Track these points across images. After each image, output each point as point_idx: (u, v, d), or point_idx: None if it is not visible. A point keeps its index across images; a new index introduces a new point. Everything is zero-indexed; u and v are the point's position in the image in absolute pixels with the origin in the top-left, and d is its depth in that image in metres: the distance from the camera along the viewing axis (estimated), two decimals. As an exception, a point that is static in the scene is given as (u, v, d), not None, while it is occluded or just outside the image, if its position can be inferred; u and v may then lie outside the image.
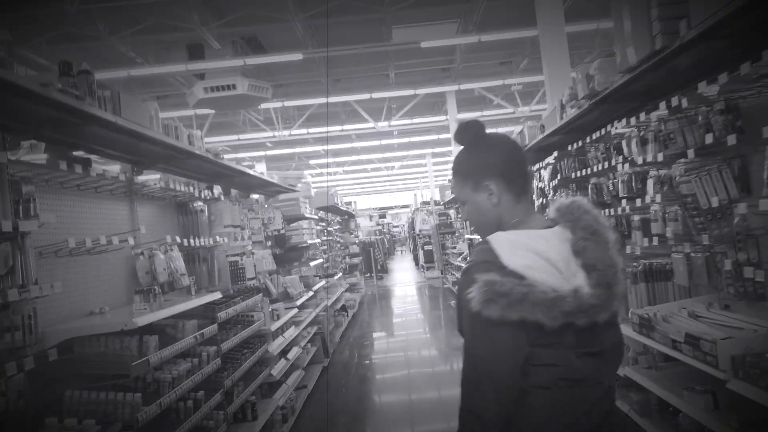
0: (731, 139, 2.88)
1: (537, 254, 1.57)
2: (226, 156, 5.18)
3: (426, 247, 19.41)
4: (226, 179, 5.64)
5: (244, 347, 4.90)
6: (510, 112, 18.87)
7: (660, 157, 3.50)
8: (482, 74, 17.15)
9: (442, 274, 17.89)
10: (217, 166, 4.75)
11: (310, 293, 7.66)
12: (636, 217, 4.15)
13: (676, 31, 2.72)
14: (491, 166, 1.72)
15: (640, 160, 3.69)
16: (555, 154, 5.35)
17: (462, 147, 1.80)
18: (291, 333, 6.32)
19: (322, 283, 8.83)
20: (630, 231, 4.33)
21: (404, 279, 21.17)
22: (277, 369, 5.67)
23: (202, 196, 4.91)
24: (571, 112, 4.32)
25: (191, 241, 4.46)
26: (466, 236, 12.13)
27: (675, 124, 3.24)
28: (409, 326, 11.91)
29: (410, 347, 9.83)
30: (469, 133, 1.75)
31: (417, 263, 22.82)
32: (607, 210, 4.70)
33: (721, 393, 2.97)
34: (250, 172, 5.60)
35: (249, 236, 6.04)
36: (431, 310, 14.05)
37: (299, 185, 8.04)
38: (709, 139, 3.01)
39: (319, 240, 9.41)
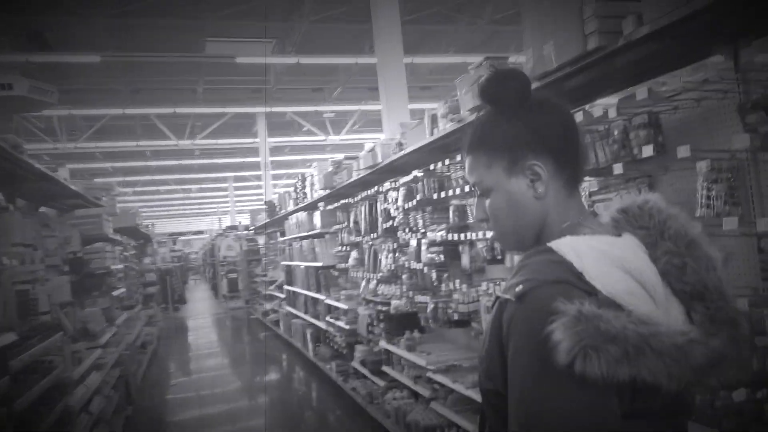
0: (647, 151, 2.71)
1: (629, 274, 1.06)
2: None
3: (230, 275, 18.22)
4: (11, 184, 4.43)
5: (40, 403, 3.75)
6: (321, 139, 18.66)
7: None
8: (295, 98, 16.75)
9: (247, 303, 16.87)
10: (10, 161, 3.63)
11: (114, 329, 6.44)
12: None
13: (617, 31, 2.48)
14: (540, 139, 1.19)
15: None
16: (415, 174, 5.00)
17: (491, 108, 1.25)
18: (94, 380, 5.14)
19: (124, 316, 7.56)
20: (504, 255, 4.09)
21: (204, 309, 19.69)
22: (78, 429, 4.50)
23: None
24: (447, 127, 3.99)
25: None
26: (284, 263, 11.45)
27: (587, 138, 3.03)
28: (215, 362, 10.87)
29: (217, 384, 8.90)
30: (509, 87, 1.20)
31: (216, 293, 21.43)
32: (471, 234, 4.44)
33: None
34: (53, 175, 4.45)
35: (42, 258, 4.81)
36: (235, 344, 13.09)
37: (104, 199, 6.78)
38: (625, 154, 2.81)
39: (121, 266, 8.10)
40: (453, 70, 15.08)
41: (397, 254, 5.76)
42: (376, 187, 6.05)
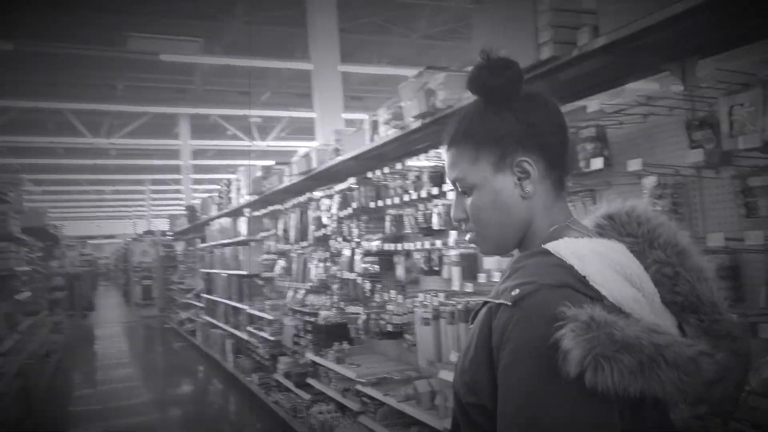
0: (596, 164, 2.71)
1: (629, 281, 0.99)
2: None
3: (144, 282, 17.41)
4: None
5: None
6: (246, 145, 18.23)
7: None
8: (221, 101, 16.28)
9: (162, 312, 16.18)
10: None
11: (16, 336, 5.94)
12: (453, 252, 3.84)
13: (571, 42, 2.46)
14: (532, 135, 1.10)
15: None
16: (351, 181, 4.88)
17: (479, 98, 1.15)
18: (-9, 391, 4.70)
19: (28, 322, 7.00)
20: (441, 266, 4.02)
21: (115, 317, 18.72)
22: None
23: None
24: (389, 134, 3.90)
25: None
26: (203, 270, 11.02)
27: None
28: (124, 373, 10.29)
29: (126, 397, 8.40)
30: (502, 77, 1.10)
31: (128, 300, 20.47)
32: (407, 244, 4.36)
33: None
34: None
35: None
36: (147, 354, 12.50)
37: (11, 194, 6.24)
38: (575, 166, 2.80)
39: (27, 268, 7.52)
40: (384, 82, 15.16)
41: (328, 263, 5.61)
42: (308, 194, 5.88)
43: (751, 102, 2.02)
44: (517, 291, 0.94)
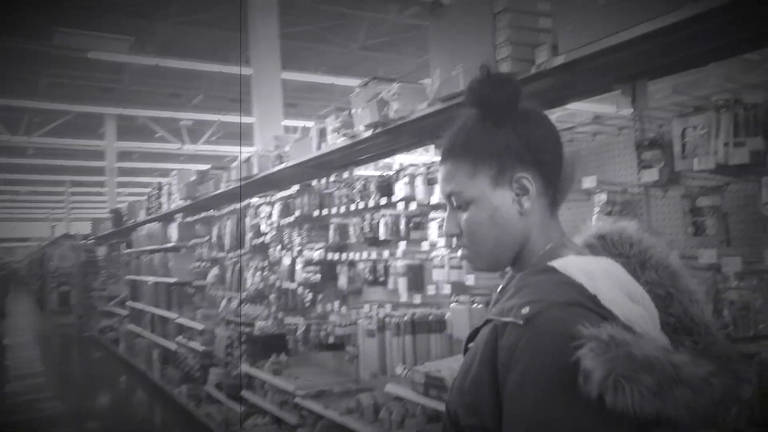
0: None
1: (634, 300, 0.98)
2: None
3: (62, 288, 16.55)
4: None
5: None
6: (176, 148, 17.72)
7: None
8: (150, 102, 15.77)
9: (80, 319, 15.40)
10: None
11: None
12: (400, 263, 3.83)
13: (530, 59, 2.49)
14: (531, 151, 1.08)
15: (428, 201, 3.39)
16: (294, 188, 4.79)
17: (478, 112, 1.12)
18: None
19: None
20: (387, 277, 4.00)
21: (28, 325, 17.70)
22: None
23: None
24: (338, 142, 3.84)
25: None
26: (128, 276, 10.58)
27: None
28: (37, 384, 9.72)
29: (38, 409, 7.92)
30: (503, 91, 1.08)
31: (42, 307, 19.43)
32: (352, 254, 4.32)
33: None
34: None
35: None
36: (63, 364, 11.92)
37: None
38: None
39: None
40: (319, 90, 15.10)
41: (266, 272, 5.48)
42: (246, 201, 5.74)
43: (704, 125, 2.10)
44: (527, 309, 0.92)
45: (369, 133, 3.50)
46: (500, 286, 1.34)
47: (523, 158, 1.08)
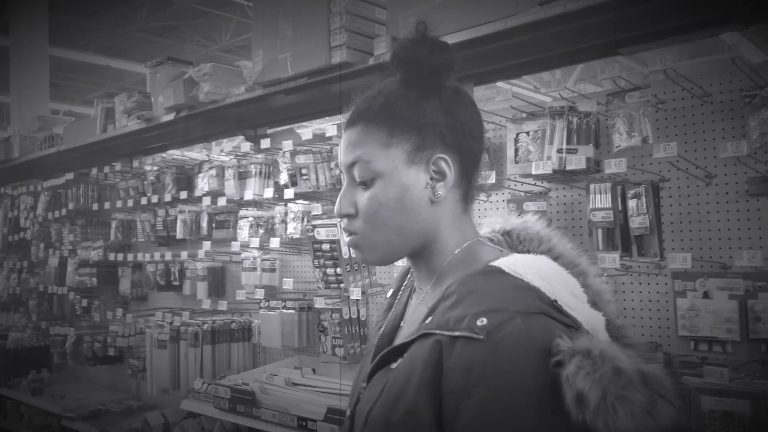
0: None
1: (579, 300, 0.87)
2: None
3: None
4: None
5: None
6: None
7: (269, 193, 2.97)
8: None
9: None
10: None
11: None
12: (200, 265, 3.44)
13: (367, 51, 2.34)
14: (454, 132, 0.92)
15: (239, 197, 3.06)
16: (68, 177, 4.11)
17: (403, 77, 0.93)
18: None
19: None
20: (182, 281, 3.58)
21: None
22: None
23: None
24: (130, 125, 3.33)
25: None
26: None
27: (309, 158, 2.80)
28: None
29: None
30: (438, 56, 0.90)
31: None
32: (138, 255, 3.83)
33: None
34: None
35: None
36: None
37: None
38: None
39: None
40: (86, 71, 13.54)
41: (24, 275, 4.65)
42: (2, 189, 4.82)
43: (538, 130, 2.14)
44: (484, 320, 0.74)
45: (172, 116, 3.08)
46: (391, 290, 1.15)
47: (446, 139, 0.92)
